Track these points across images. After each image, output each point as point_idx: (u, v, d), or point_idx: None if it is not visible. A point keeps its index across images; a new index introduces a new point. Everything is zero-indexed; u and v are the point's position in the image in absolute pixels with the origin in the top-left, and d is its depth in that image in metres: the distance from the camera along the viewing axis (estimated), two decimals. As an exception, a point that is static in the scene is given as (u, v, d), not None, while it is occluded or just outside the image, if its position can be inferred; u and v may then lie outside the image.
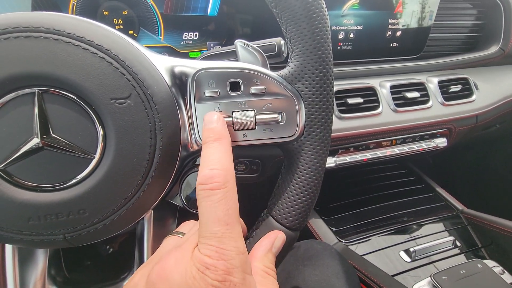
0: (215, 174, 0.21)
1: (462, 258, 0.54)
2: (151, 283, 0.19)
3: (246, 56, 0.32)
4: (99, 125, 0.23)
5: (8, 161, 0.22)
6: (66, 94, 0.22)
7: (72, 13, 0.47)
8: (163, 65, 0.26)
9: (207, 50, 0.55)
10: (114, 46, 0.23)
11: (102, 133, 0.23)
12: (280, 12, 0.27)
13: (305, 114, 0.28)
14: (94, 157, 0.23)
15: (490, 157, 0.94)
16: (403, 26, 0.63)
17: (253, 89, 0.27)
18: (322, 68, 0.27)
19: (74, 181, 0.23)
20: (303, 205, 0.29)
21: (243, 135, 0.28)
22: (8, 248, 0.27)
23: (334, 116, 0.56)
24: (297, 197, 0.29)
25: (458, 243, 0.57)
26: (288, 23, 0.27)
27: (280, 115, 0.28)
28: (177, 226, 0.31)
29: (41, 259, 0.28)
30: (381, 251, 0.54)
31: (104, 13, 0.48)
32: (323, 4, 0.26)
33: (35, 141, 0.22)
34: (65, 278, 0.30)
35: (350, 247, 0.56)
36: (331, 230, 0.60)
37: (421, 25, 0.64)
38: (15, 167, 0.22)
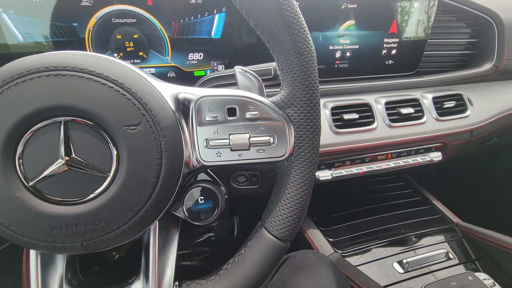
0: None
1: (455, 270, 0.56)
2: None
3: (244, 82, 0.36)
4: (113, 147, 0.26)
5: (38, 179, 0.25)
6: (86, 122, 0.26)
7: (89, 37, 0.52)
8: (169, 92, 0.30)
9: (211, 69, 0.59)
10: (128, 80, 0.27)
11: (115, 154, 0.26)
12: (272, 46, 0.30)
13: (294, 136, 0.31)
14: (109, 175, 0.26)
15: (491, 169, 0.95)
16: (398, 44, 0.66)
17: (248, 114, 0.30)
18: (309, 96, 0.30)
19: (91, 196, 0.26)
20: (293, 218, 0.32)
21: (239, 155, 0.31)
22: (32, 254, 0.30)
23: (330, 131, 0.59)
24: (287, 211, 0.32)
25: (451, 256, 0.58)
26: (280, 56, 0.30)
27: (272, 137, 0.31)
28: (184, 233, 0.35)
29: (59, 264, 0.32)
30: (375, 262, 0.56)
31: (117, 37, 0.53)
32: (310, 41, 0.30)
33: (60, 162, 0.25)
34: (80, 281, 0.34)
35: (346, 257, 0.58)
36: (328, 240, 0.62)
37: (416, 44, 0.67)
38: (42, 184, 0.26)
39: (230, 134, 0.30)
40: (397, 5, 0.62)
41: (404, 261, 0.55)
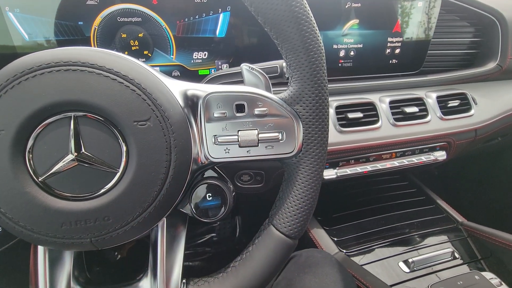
0: None
1: (461, 270, 0.55)
2: None
3: (250, 79, 0.36)
4: (123, 143, 0.26)
5: (47, 174, 0.25)
6: (96, 117, 0.26)
7: (94, 36, 0.52)
8: (178, 89, 0.30)
9: (215, 68, 0.59)
10: (137, 76, 0.26)
11: (125, 150, 0.26)
12: (281, 43, 0.30)
13: (303, 133, 0.31)
14: (118, 171, 0.26)
15: (495, 168, 0.94)
16: (402, 43, 0.66)
17: (257, 111, 0.30)
18: (318, 93, 0.30)
19: (101, 192, 0.26)
20: (301, 215, 0.31)
21: (247, 151, 0.31)
22: (40, 250, 0.30)
23: (335, 130, 0.59)
24: (295, 207, 0.31)
25: (457, 255, 0.58)
26: (288, 53, 0.30)
27: (280, 134, 0.31)
28: (186, 233, 0.35)
29: (67, 261, 0.31)
30: (381, 261, 0.56)
31: (122, 36, 0.53)
32: (319, 37, 0.29)
33: (70, 157, 0.25)
34: (87, 279, 0.34)
35: (351, 257, 0.58)
36: (333, 240, 0.62)
37: (419, 43, 0.67)
38: (52, 179, 0.25)
39: (238, 131, 0.30)
40: (401, 5, 0.62)
41: (410, 260, 0.55)
